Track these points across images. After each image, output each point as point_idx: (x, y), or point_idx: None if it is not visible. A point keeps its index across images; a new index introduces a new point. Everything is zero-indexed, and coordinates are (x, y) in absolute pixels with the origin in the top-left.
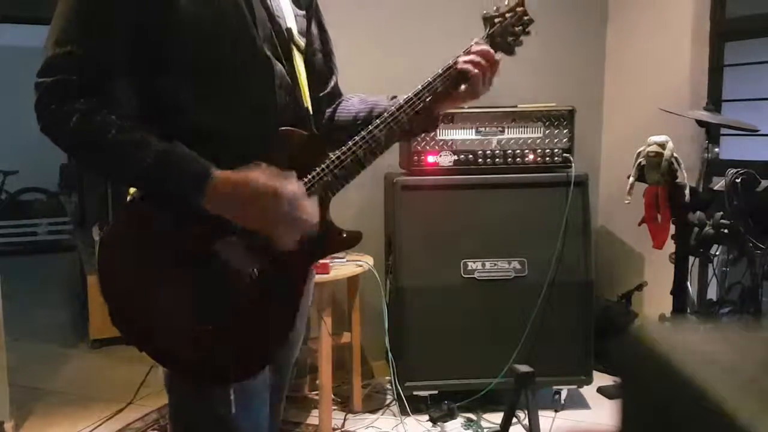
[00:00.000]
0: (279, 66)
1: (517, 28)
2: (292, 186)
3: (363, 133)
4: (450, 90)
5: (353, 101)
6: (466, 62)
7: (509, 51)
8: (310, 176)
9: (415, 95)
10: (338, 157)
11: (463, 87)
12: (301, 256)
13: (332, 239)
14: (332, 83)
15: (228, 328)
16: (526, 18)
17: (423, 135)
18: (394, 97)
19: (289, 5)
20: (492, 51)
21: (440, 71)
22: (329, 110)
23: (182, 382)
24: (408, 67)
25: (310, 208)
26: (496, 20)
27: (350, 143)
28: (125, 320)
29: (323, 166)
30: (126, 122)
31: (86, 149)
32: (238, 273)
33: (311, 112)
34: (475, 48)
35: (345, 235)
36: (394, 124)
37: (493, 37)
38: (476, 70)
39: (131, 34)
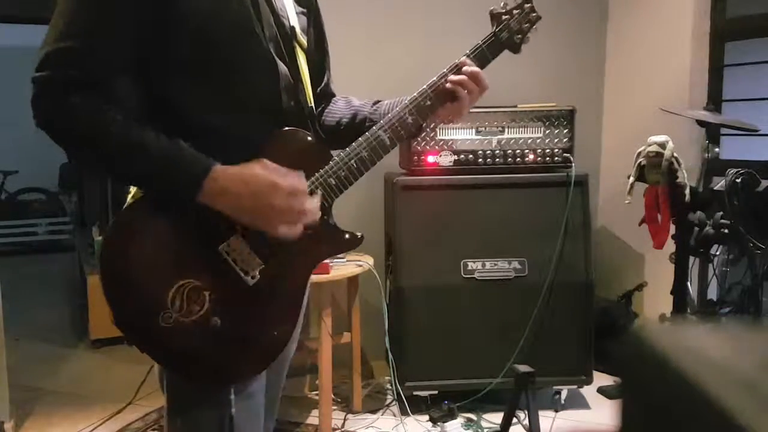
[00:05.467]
0: (283, 66)
1: (524, 26)
2: (291, 179)
3: (368, 134)
4: (436, 107)
5: (339, 104)
6: (456, 82)
7: (515, 49)
8: (313, 177)
9: (420, 96)
10: (342, 159)
11: (448, 104)
12: (305, 257)
13: (335, 241)
14: (323, 82)
15: (231, 328)
16: (533, 15)
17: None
18: (377, 102)
19: (291, 3)
20: (481, 74)
21: (427, 87)
22: (318, 110)
23: (182, 382)
24: (409, 66)
25: (312, 203)
26: (504, 17)
27: (354, 145)
28: (127, 321)
29: (327, 167)
30: (126, 117)
31: (85, 145)
32: (242, 273)
33: (314, 112)
34: (466, 69)
35: (347, 237)
36: (400, 126)
37: (499, 34)
38: (465, 92)
39: (133, 31)
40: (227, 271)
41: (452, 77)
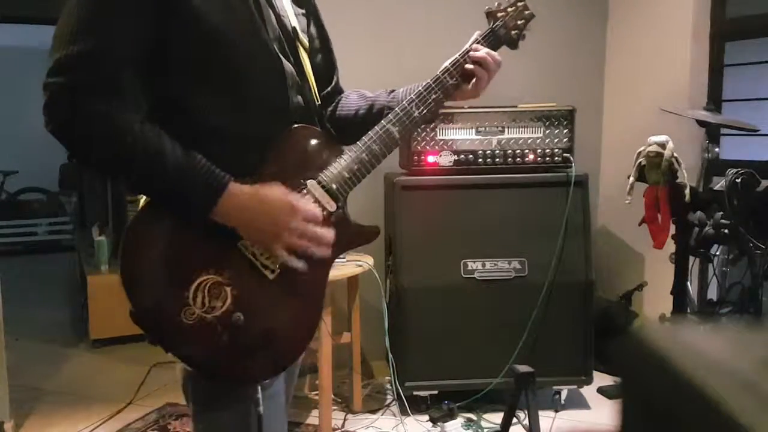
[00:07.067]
0: (289, 65)
1: (519, 22)
2: (309, 204)
3: (377, 128)
4: (459, 86)
5: (352, 97)
6: (476, 60)
7: (513, 45)
8: (326, 172)
9: (426, 90)
10: (354, 153)
11: (466, 85)
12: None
13: (352, 234)
14: (334, 81)
15: (255, 325)
16: (527, 12)
17: (422, 128)
18: (392, 91)
19: (290, 4)
20: (484, 60)
21: (449, 66)
22: (330, 107)
23: (208, 383)
24: (409, 63)
25: (328, 233)
26: (499, 14)
27: (365, 139)
28: (149, 318)
29: (338, 161)
30: (144, 126)
31: (98, 154)
32: (262, 268)
33: (321, 110)
34: (481, 51)
35: (364, 230)
36: (407, 119)
37: (497, 30)
38: (484, 71)
39: (141, 32)
40: (248, 266)
41: (474, 54)
